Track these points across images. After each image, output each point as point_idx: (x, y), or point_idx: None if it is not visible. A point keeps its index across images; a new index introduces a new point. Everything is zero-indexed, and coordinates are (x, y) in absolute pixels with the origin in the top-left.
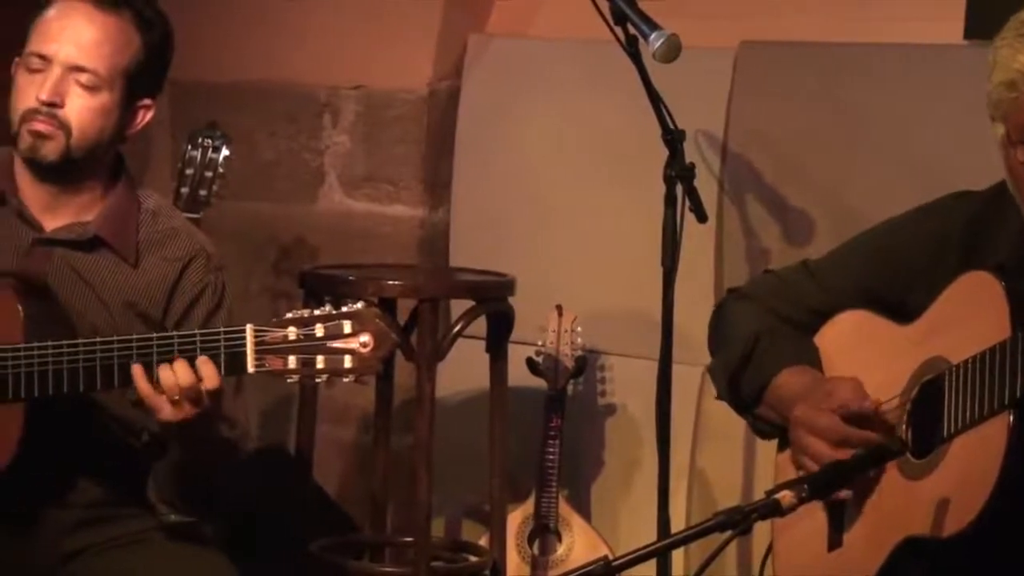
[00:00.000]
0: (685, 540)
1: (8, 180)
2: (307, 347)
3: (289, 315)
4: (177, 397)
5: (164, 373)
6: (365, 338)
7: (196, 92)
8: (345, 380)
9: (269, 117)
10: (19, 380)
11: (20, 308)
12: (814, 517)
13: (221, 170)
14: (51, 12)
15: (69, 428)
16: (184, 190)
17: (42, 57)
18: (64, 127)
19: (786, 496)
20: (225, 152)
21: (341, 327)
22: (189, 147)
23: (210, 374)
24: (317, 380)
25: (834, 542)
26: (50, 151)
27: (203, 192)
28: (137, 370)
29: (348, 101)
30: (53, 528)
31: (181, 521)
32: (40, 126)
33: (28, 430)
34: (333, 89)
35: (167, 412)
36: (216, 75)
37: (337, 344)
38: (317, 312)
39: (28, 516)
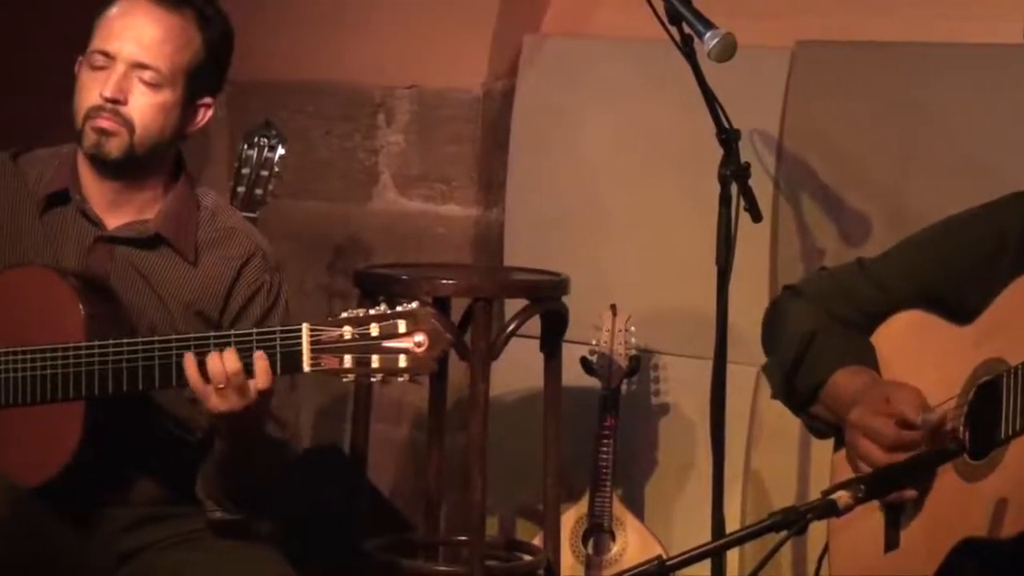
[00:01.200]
0: (740, 540)
1: (72, 178)
2: (362, 346)
3: (344, 314)
4: (222, 385)
5: (212, 361)
6: (420, 338)
7: (253, 91)
8: (400, 380)
9: (324, 116)
10: (80, 379)
11: (81, 307)
12: (871, 518)
13: (277, 169)
14: (114, 10)
15: (127, 427)
16: (240, 189)
17: (105, 55)
18: (127, 124)
19: (842, 496)
20: (281, 151)
21: (396, 326)
22: (245, 146)
23: (262, 370)
24: (372, 380)
25: (891, 543)
26: (113, 148)
27: (259, 191)
28: (188, 358)
29: (403, 101)
30: (111, 527)
31: (226, 519)
32: (104, 123)
33: (87, 429)
34: (388, 89)
35: (213, 401)
36: (272, 74)
37: (392, 344)
38: (372, 311)
39: (87, 515)
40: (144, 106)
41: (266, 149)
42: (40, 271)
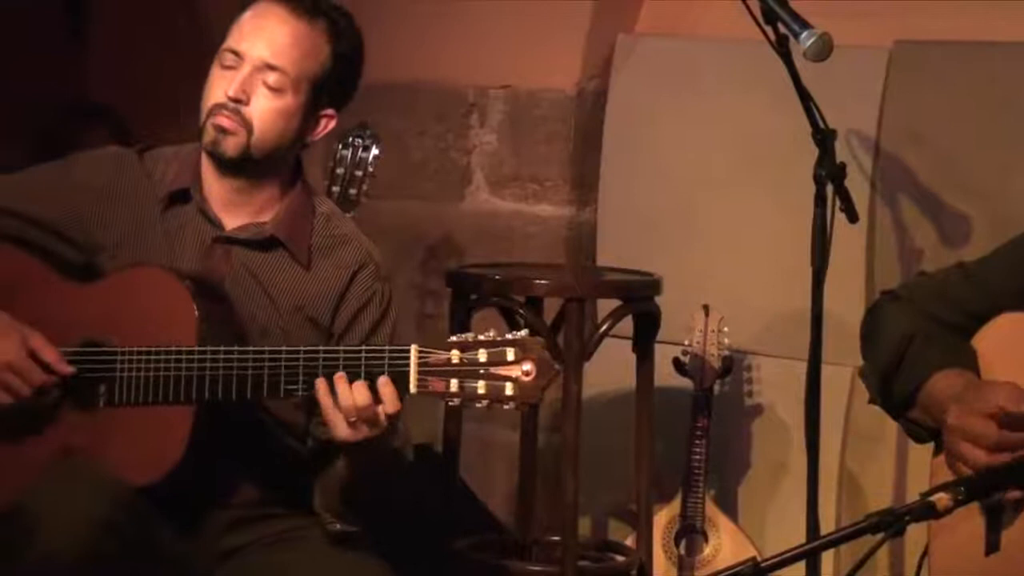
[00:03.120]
0: (836, 541)
1: (193, 177)
2: (469, 371)
3: (454, 338)
4: (353, 419)
5: (343, 393)
6: (528, 366)
7: None
8: (505, 407)
9: (418, 117)
10: (191, 383)
11: (195, 310)
12: (971, 521)
13: (371, 169)
14: (249, 13)
15: (235, 430)
16: (335, 189)
17: (235, 53)
18: (246, 124)
19: (942, 499)
20: (375, 151)
21: (504, 354)
22: (340, 147)
23: (391, 397)
24: (477, 405)
25: (991, 546)
26: (230, 146)
27: (353, 191)
28: (321, 384)
29: (496, 101)
30: (212, 527)
31: (346, 531)
32: (224, 121)
33: (196, 432)
34: (481, 89)
35: (343, 431)
36: (366, 75)
37: (499, 371)
38: (482, 337)
39: (192, 515)
40: (265, 109)
41: (360, 149)
42: (157, 271)
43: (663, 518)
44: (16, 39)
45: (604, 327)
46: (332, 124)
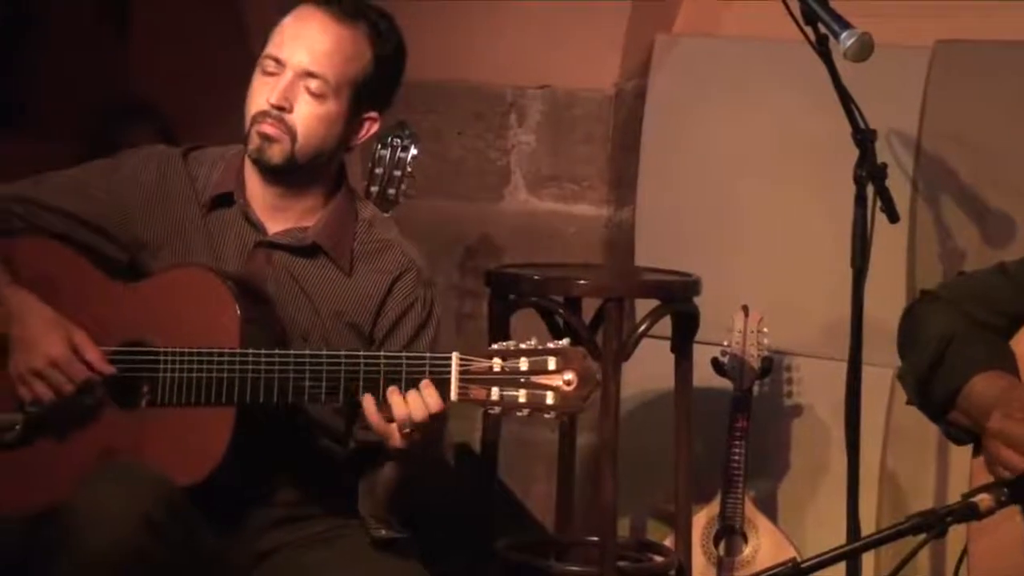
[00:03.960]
0: (878, 542)
1: (237, 181)
2: (510, 380)
3: (495, 346)
4: (408, 429)
5: (397, 404)
6: (569, 376)
7: None
8: (546, 416)
9: (456, 117)
10: (232, 385)
11: (238, 312)
12: (1013, 522)
13: (409, 169)
14: (289, 18)
15: (276, 431)
16: (374, 189)
17: (276, 61)
18: (290, 131)
19: (984, 500)
20: (414, 151)
21: (546, 363)
22: (379, 146)
23: (434, 400)
24: (518, 414)
25: None
26: (275, 154)
27: (392, 191)
28: (368, 401)
29: (535, 100)
30: (253, 527)
31: (392, 536)
32: (268, 129)
33: (236, 433)
34: (520, 89)
35: (397, 441)
36: (406, 75)
37: (541, 380)
38: (523, 345)
39: (232, 516)
40: (308, 115)
41: (399, 149)
42: (201, 272)
43: (702, 519)
44: (62, 39)
45: (642, 327)
46: (375, 127)
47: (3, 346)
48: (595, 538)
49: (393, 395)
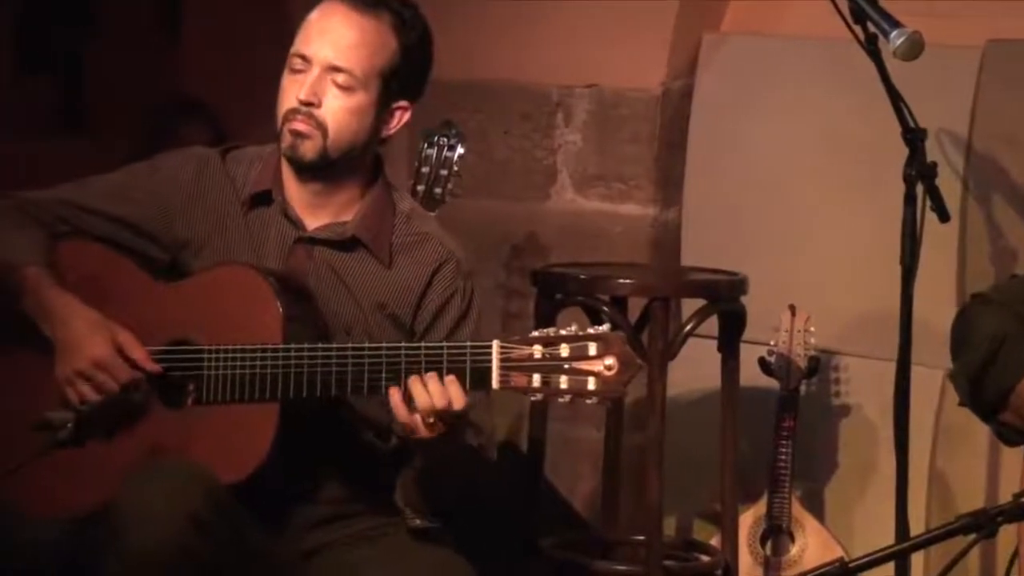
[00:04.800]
0: (927, 542)
1: (275, 179)
2: (551, 366)
3: (535, 333)
4: (432, 420)
5: (419, 393)
6: (610, 361)
7: (432, 91)
8: (588, 402)
9: (503, 116)
10: (276, 380)
11: (280, 308)
12: None
13: (456, 168)
14: (314, 15)
15: (320, 428)
16: (420, 188)
17: (303, 58)
18: (321, 127)
19: None
20: (460, 150)
21: (586, 349)
22: (425, 145)
23: (456, 394)
24: (560, 400)
25: None
26: (308, 150)
27: (438, 190)
28: (395, 395)
29: (581, 100)
30: (297, 524)
31: (425, 526)
32: (299, 125)
33: (281, 430)
34: (567, 88)
35: (423, 432)
36: (452, 74)
37: (582, 365)
38: (564, 332)
39: (276, 514)
40: (337, 109)
41: (446, 148)
42: (243, 270)
43: (749, 518)
44: (119, 42)
45: (689, 327)
46: (406, 116)
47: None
48: (641, 537)
49: (415, 385)
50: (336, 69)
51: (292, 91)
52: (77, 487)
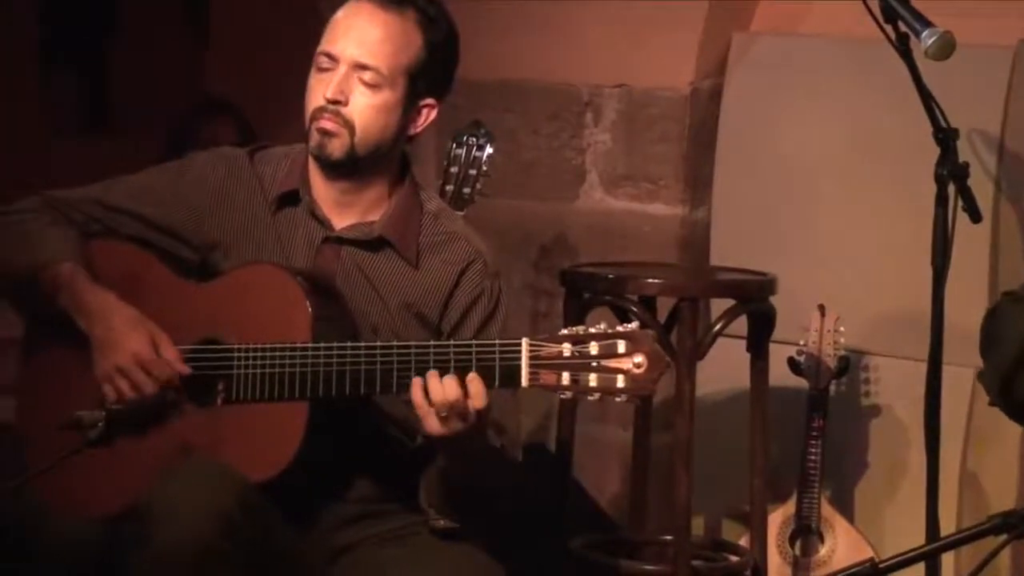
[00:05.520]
0: (958, 543)
1: (302, 179)
2: (581, 364)
3: (564, 331)
4: (445, 414)
5: (433, 387)
6: (639, 359)
7: (461, 90)
8: (617, 400)
9: (532, 115)
10: (305, 379)
11: (309, 308)
12: None
13: (485, 168)
14: (340, 13)
15: (348, 427)
16: (449, 188)
17: (329, 56)
18: (348, 125)
19: None
20: (489, 150)
21: (615, 346)
22: (454, 145)
23: (478, 392)
24: (589, 398)
25: None
26: (335, 148)
27: (467, 190)
28: (416, 385)
29: (610, 100)
30: (326, 523)
31: (449, 527)
32: (326, 124)
33: (309, 429)
34: (595, 88)
35: (434, 425)
36: (480, 74)
37: (611, 363)
38: (592, 330)
39: (306, 511)
40: (364, 107)
41: (474, 148)
42: (272, 269)
43: (778, 518)
44: (147, 42)
45: (717, 327)
46: (433, 114)
47: (83, 346)
48: (669, 537)
49: (432, 378)
50: (363, 67)
51: (319, 90)
52: (108, 486)
